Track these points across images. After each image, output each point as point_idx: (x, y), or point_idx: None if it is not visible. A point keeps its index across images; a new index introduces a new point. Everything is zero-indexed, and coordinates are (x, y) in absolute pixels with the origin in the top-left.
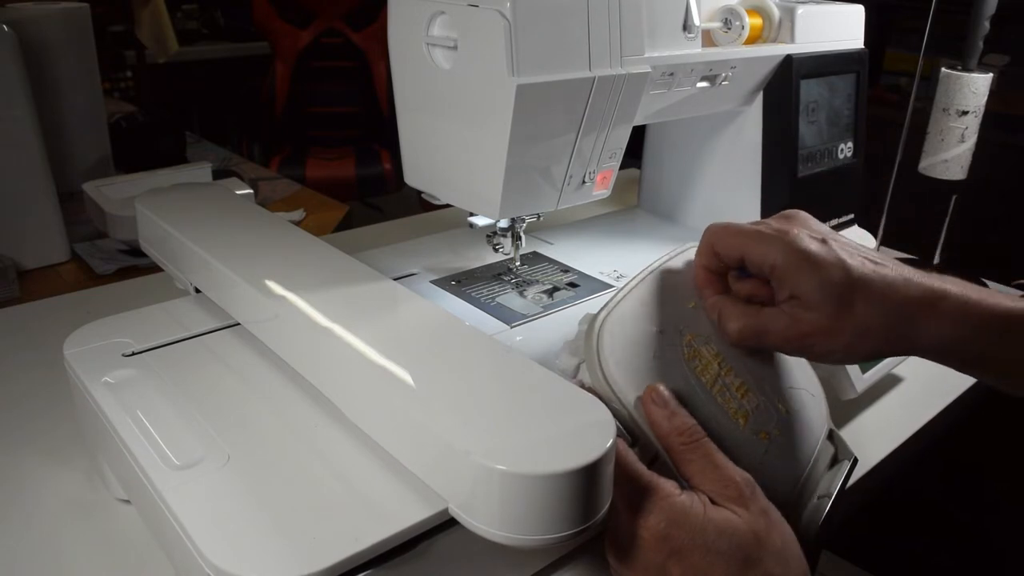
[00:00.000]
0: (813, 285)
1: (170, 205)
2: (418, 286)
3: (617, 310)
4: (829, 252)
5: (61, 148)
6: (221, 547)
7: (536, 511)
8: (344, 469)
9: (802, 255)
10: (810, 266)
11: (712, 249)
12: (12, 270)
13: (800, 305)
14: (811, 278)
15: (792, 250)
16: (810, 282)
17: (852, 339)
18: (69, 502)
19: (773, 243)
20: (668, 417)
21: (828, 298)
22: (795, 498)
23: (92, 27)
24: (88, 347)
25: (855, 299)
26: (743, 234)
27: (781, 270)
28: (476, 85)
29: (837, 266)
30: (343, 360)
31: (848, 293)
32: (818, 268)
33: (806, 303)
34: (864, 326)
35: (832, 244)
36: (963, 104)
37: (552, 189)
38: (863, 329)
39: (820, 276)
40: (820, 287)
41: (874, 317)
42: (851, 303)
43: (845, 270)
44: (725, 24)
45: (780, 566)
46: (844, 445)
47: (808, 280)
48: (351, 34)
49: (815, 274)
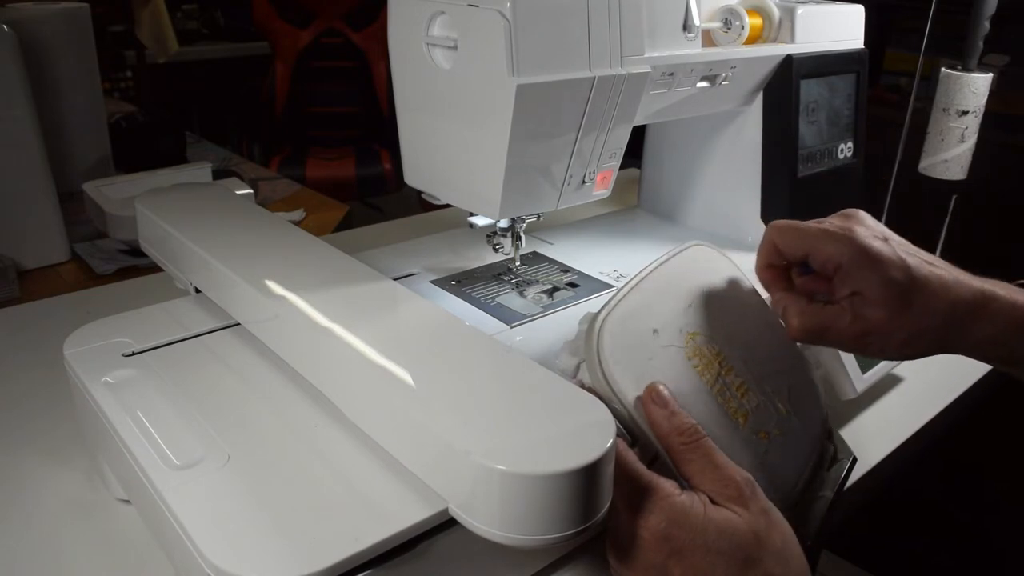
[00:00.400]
0: (876, 282)
1: (170, 205)
2: (418, 286)
3: (617, 310)
4: (892, 251)
5: (61, 148)
6: (221, 547)
7: (536, 511)
8: (344, 469)
9: (866, 253)
10: (874, 264)
11: (775, 246)
12: (12, 270)
13: (862, 302)
14: (874, 276)
15: (857, 248)
16: (873, 279)
17: (908, 337)
18: (69, 502)
19: (838, 241)
20: (668, 417)
21: (890, 296)
22: (795, 497)
23: (92, 27)
24: (88, 347)
25: (914, 299)
26: (807, 232)
27: (846, 268)
28: (476, 85)
29: (899, 265)
30: (343, 360)
31: (908, 292)
32: (881, 266)
33: (868, 300)
34: (920, 325)
35: (893, 243)
36: (963, 104)
37: (552, 189)
38: (919, 328)
39: (883, 274)
40: (883, 285)
41: (930, 317)
42: (910, 302)
43: (906, 270)
44: (725, 24)
45: (780, 566)
46: (843, 444)
47: (871, 277)
48: (351, 34)
49: (878, 272)
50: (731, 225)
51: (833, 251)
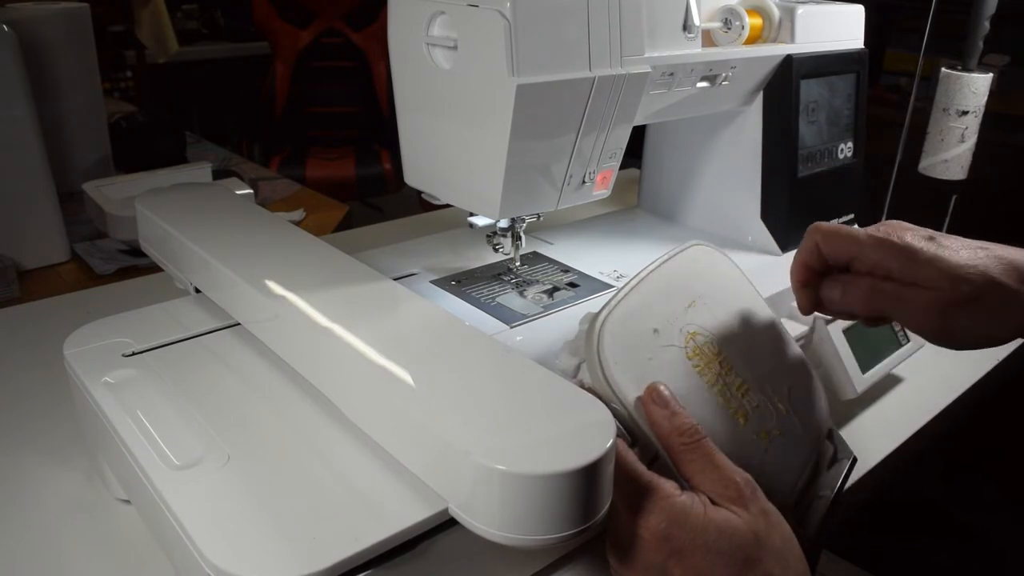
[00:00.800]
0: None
1: (170, 205)
2: (418, 286)
3: (618, 310)
4: (938, 247)
5: (61, 148)
6: (221, 547)
7: (536, 511)
8: (344, 469)
9: (913, 255)
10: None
11: (818, 248)
12: (12, 270)
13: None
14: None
15: (903, 252)
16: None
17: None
18: (69, 502)
19: (884, 248)
20: (668, 417)
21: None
22: (795, 497)
23: (92, 27)
24: (88, 347)
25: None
26: (854, 239)
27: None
28: (476, 85)
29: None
30: (343, 360)
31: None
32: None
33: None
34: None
35: (939, 239)
36: (963, 104)
37: (552, 189)
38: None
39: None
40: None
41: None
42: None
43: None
44: (725, 24)
45: (780, 566)
46: (844, 444)
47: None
48: (351, 34)
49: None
50: (731, 225)
51: (882, 258)
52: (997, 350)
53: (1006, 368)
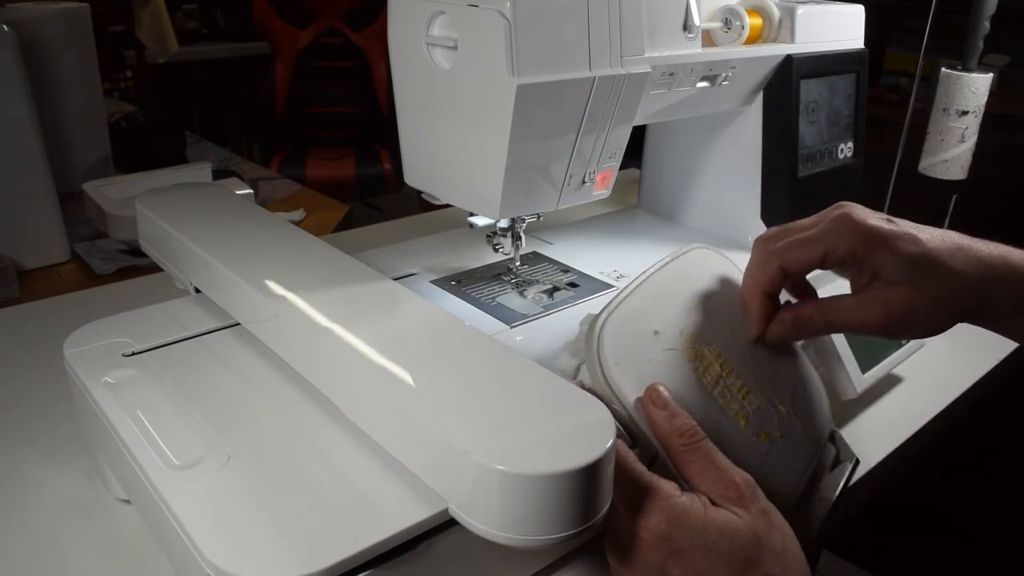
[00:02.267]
0: (893, 261)
1: (170, 205)
2: (418, 286)
3: (618, 311)
4: (899, 227)
5: (61, 148)
6: (221, 547)
7: (536, 511)
8: (344, 469)
9: (876, 235)
10: (887, 243)
11: (779, 269)
12: (12, 270)
13: (882, 285)
14: (890, 254)
15: (866, 233)
16: (890, 258)
17: (931, 310)
18: (69, 502)
19: (845, 234)
20: (668, 418)
21: (908, 271)
22: (796, 499)
23: (92, 27)
24: (88, 347)
25: (931, 270)
26: (809, 241)
27: (861, 254)
28: (476, 85)
29: (910, 239)
30: (343, 360)
31: (924, 264)
32: (895, 243)
33: (888, 280)
34: (941, 296)
35: (897, 221)
36: (963, 104)
37: (552, 189)
38: (940, 298)
39: (898, 251)
40: (899, 262)
41: (949, 287)
42: (928, 274)
43: (917, 242)
44: (725, 24)
45: (780, 567)
46: (846, 446)
47: (887, 257)
48: (351, 34)
49: (893, 250)
50: (731, 225)
51: (842, 244)
52: (997, 350)
53: (1006, 368)
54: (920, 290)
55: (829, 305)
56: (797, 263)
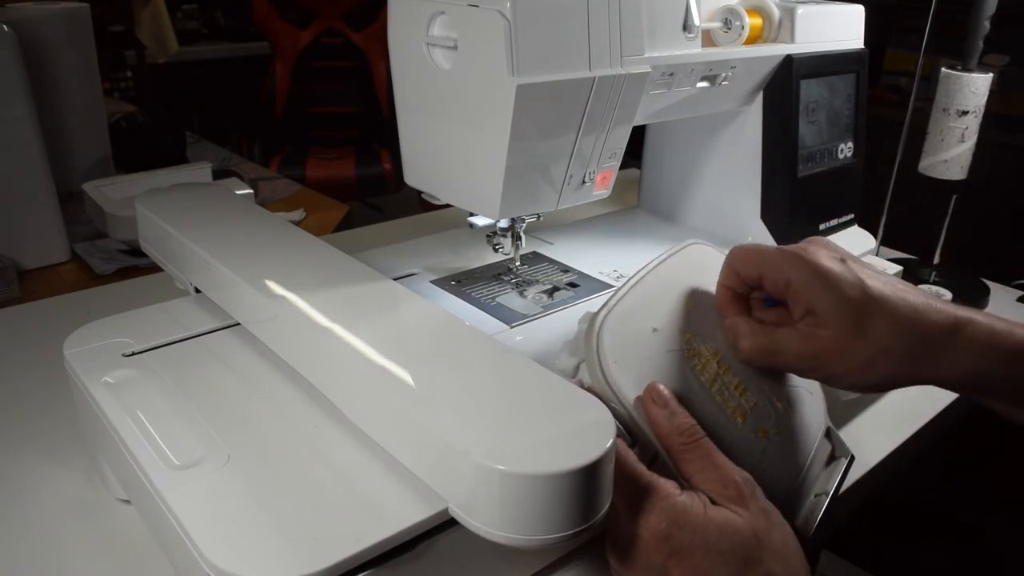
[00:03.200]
0: (829, 301)
1: (170, 205)
2: (418, 286)
3: (617, 309)
4: (847, 270)
5: (61, 148)
6: (221, 547)
7: (536, 511)
8: (344, 469)
9: (818, 271)
10: (826, 282)
11: (733, 269)
12: (12, 270)
13: (815, 323)
14: (827, 294)
15: (808, 266)
16: (826, 298)
17: (867, 360)
18: (69, 502)
19: (790, 260)
20: (668, 417)
21: (843, 315)
22: (793, 496)
23: (92, 27)
24: (88, 347)
25: (872, 318)
26: (761, 253)
27: (796, 285)
28: (476, 85)
29: (854, 284)
30: (343, 360)
31: (864, 311)
32: (834, 284)
33: (821, 320)
34: (880, 347)
35: (851, 264)
36: (963, 104)
37: (552, 189)
38: (879, 350)
39: (836, 292)
40: (836, 303)
41: (893, 339)
42: (867, 322)
43: (862, 288)
44: (725, 24)
45: (780, 565)
46: (841, 443)
47: (824, 296)
48: (351, 34)
49: (831, 290)
50: (731, 225)
51: (784, 270)
52: None
53: None
54: (855, 337)
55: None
56: (744, 268)
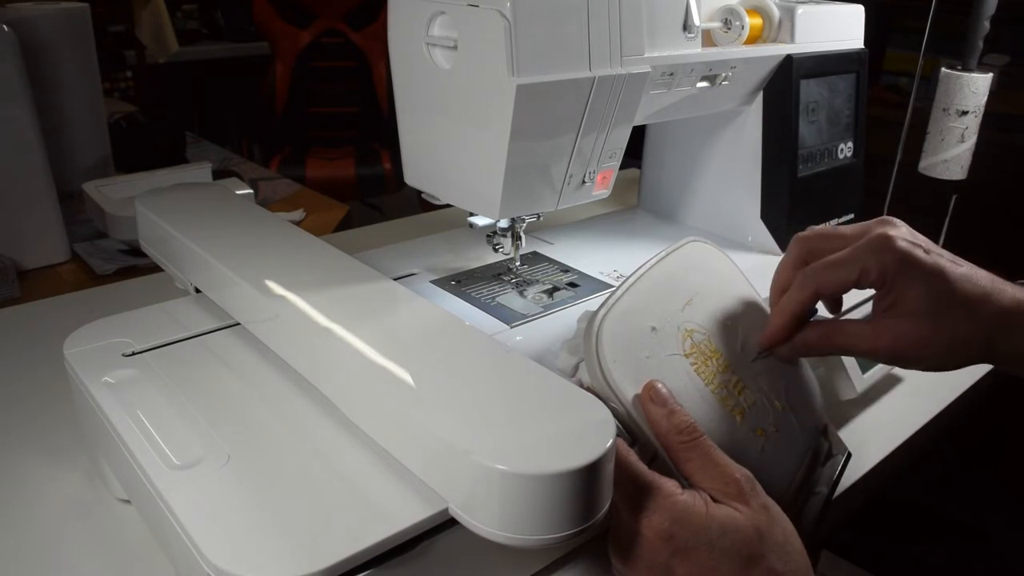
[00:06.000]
0: (915, 293)
1: (170, 205)
2: (418, 286)
3: (616, 308)
4: (933, 260)
5: (61, 148)
6: (221, 547)
7: (536, 511)
8: (344, 469)
9: (910, 262)
10: (917, 274)
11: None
12: (12, 270)
13: (899, 314)
14: (915, 286)
15: (900, 259)
16: (914, 289)
17: (948, 349)
18: (69, 502)
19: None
20: (667, 415)
21: (927, 306)
22: (791, 493)
23: (92, 27)
24: (88, 347)
25: (951, 310)
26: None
27: (890, 278)
28: (476, 85)
29: (938, 274)
30: (343, 360)
31: (945, 303)
32: (925, 276)
33: (906, 310)
34: (956, 337)
35: (934, 251)
36: (963, 104)
37: (552, 189)
38: (959, 340)
39: (924, 284)
40: (921, 295)
41: (970, 328)
42: (947, 313)
43: (945, 279)
44: (725, 24)
45: (783, 561)
46: (838, 440)
47: (912, 287)
48: (351, 34)
49: (920, 282)
50: (731, 225)
51: (878, 264)
52: None
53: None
54: (935, 327)
55: (839, 329)
56: (831, 287)
